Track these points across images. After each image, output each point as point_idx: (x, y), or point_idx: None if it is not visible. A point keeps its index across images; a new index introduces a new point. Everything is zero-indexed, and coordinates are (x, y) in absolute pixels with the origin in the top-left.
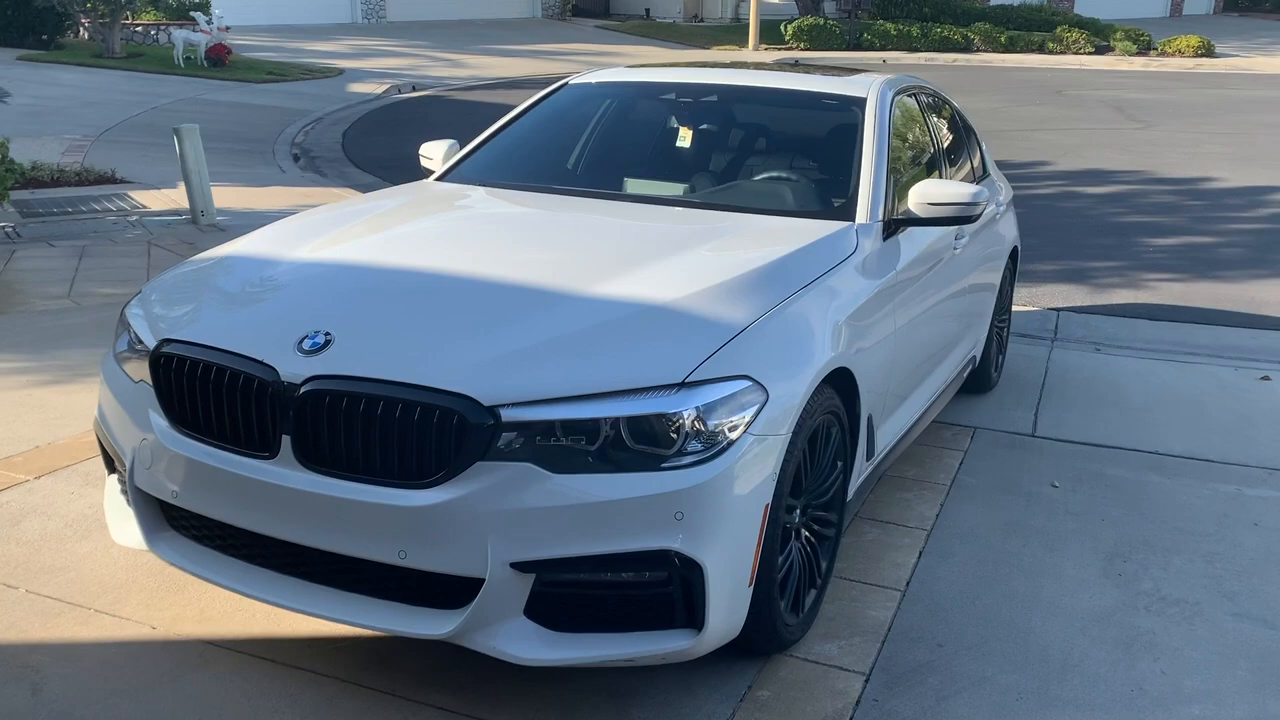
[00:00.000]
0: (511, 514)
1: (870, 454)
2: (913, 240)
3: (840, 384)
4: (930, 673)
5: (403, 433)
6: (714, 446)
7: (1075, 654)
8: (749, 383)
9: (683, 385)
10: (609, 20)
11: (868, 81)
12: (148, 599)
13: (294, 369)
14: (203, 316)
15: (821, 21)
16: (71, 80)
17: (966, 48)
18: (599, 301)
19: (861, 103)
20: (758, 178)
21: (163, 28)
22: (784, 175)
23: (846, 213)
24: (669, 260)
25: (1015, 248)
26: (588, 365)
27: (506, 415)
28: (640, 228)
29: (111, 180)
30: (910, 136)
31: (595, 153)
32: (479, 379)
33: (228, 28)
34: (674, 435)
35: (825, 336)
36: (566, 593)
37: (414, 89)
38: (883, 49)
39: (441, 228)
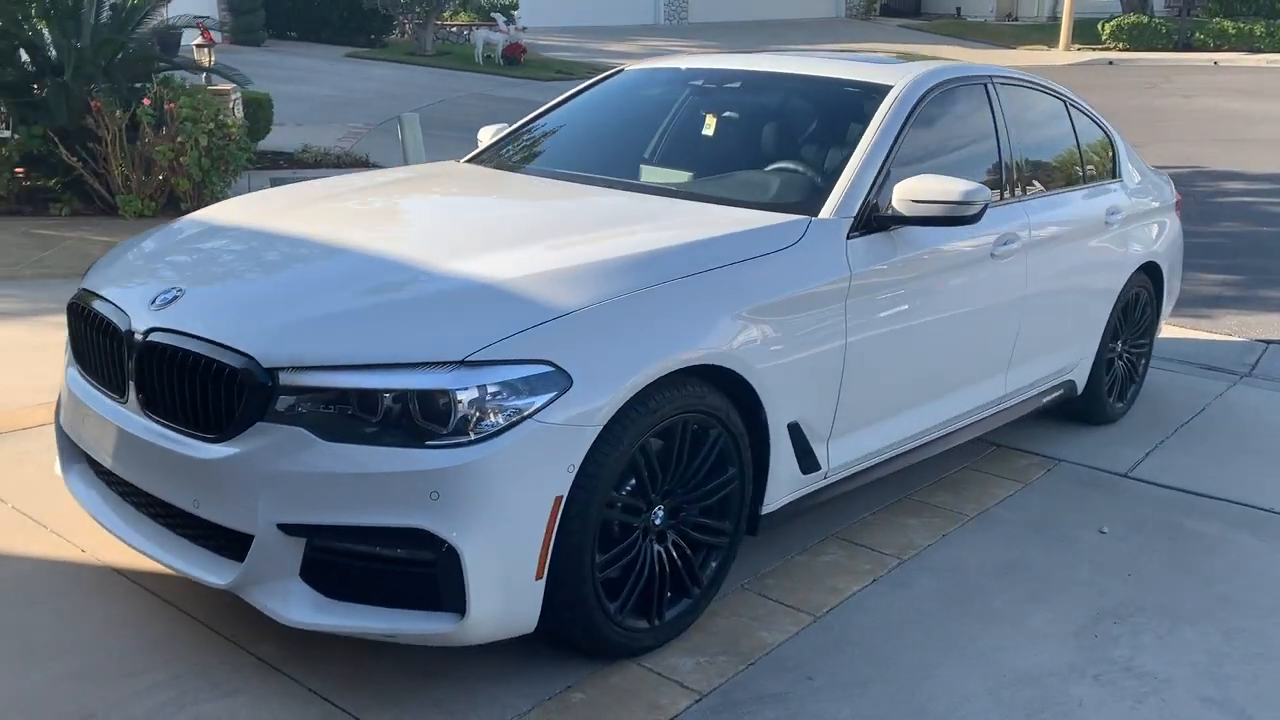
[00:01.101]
0: (281, 476)
1: (811, 468)
2: (911, 241)
3: (729, 383)
4: (775, 705)
5: (203, 387)
6: (493, 429)
7: (963, 712)
8: (548, 368)
9: (462, 364)
10: (916, 19)
11: (906, 70)
12: (97, 525)
13: (140, 321)
14: (112, 271)
15: (1145, 20)
16: (381, 74)
17: None
18: (435, 276)
19: (884, 92)
20: (765, 168)
21: (472, 28)
22: (781, 166)
23: (810, 206)
24: (546, 243)
25: (1154, 263)
26: (377, 336)
27: (284, 379)
28: (566, 213)
29: (363, 165)
30: (958, 132)
31: (608, 139)
32: (266, 341)
33: (524, 28)
34: (448, 414)
35: (694, 328)
36: (338, 561)
37: None
38: (1217, 49)
39: (380, 204)
